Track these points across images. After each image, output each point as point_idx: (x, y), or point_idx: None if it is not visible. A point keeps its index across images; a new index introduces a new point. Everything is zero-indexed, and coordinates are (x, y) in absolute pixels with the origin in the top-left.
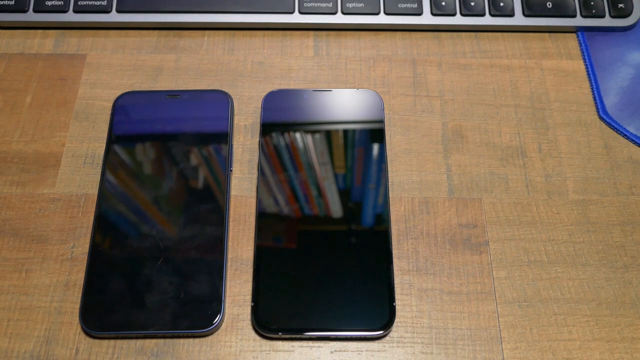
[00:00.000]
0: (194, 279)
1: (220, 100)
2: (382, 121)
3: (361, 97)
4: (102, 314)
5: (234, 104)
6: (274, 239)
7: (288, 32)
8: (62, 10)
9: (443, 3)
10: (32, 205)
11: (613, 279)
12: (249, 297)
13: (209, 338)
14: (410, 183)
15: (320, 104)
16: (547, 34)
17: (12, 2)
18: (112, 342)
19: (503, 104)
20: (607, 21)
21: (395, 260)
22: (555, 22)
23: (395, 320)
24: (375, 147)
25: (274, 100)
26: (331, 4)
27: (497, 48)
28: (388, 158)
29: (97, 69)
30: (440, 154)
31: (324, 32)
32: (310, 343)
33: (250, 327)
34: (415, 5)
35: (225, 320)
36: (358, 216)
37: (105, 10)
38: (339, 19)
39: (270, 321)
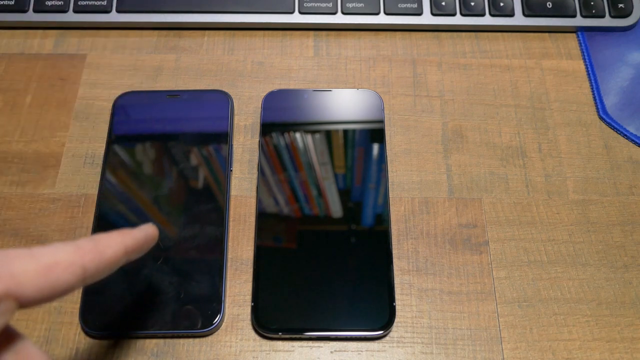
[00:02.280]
0: (194, 279)
1: (220, 100)
2: (382, 121)
3: (361, 97)
4: (102, 314)
5: (234, 104)
6: (274, 239)
7: (288, 32)
8: (62, 10)
9: (443, 3)
10: (32, 205)
11: (613, 279)
12: (249, 297)
13: (209, 338)
14: (410, 183)
15: (320, 104)
16: (547, 34)
17: (12, 2)
18: (112, 342)
19: (503, 104)
20: (607, 21)
21: (395, 260)
22: (555, 22)
23: (395, 320)
24: (375, 147)
25: (274, 100)
26: (331, 4)
27: (497, 48)
28: (388, 158)
29: (97, 69)
30: (440, 154)
31: (324, 32)
32: (310, 343)
33: (250, 327)
34: (415, 5)
35: (225, 320)
36: (358, 216)
37: (105, 10)
38: (339, 19)
39: (270, 321)
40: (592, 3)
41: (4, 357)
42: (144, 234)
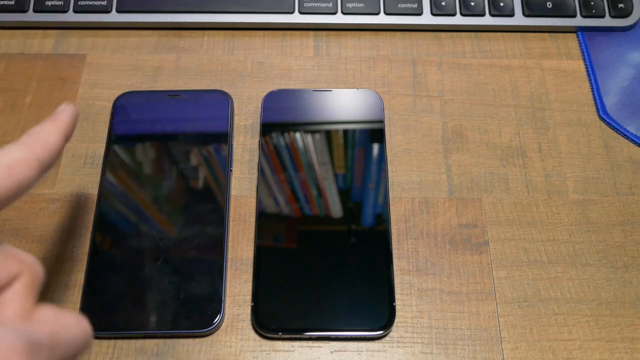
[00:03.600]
0: (194, 279)
1: (220, 100)
2: (382, 121)
3: (361, 97)
4: (102, 314)
5: (234, 104)
6: (274, 239)
7: (288, 32)
8: (62, 10)
9: (443, 3)
10: (32, 205)
11: (613, 279)
12: (249, 297)
13: (209, 338)
14: (410, 183)
15: (320, 104)
16: (547, 34)
17: (12, 2)
18: (112, 342)
19: (503, 104)
20: (607, 21)
21: (395, 260)
22: (555, 22)
23: (395, 320)
24: (375, 147)
25: (274, 100)
26: (331, 4)
27: (497, 48)
28: (388, 158)
29: (97, 69)
30: (440, 154)
31: (324, 32)
32: (310, 343)
33: (250, 327)
34: (415, 5)
35: (225, 320)
36: (358, 216)
37: (105, 10)
38: (339, 19)
39: (270, 321)
40: (592, 3)
41: None
42: (68, 114)
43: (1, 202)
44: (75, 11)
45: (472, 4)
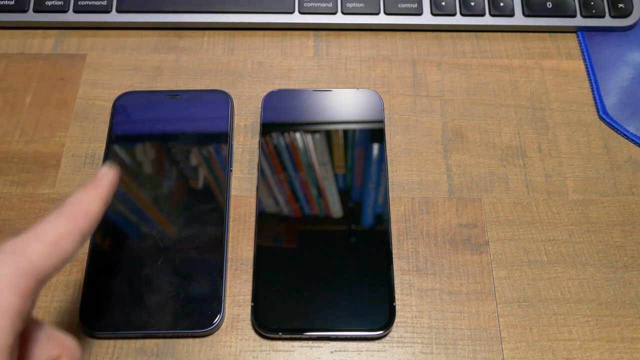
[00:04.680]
0: (194, 279)
1: (220, 100)
2: (382, 121)
3: (361, 97)
4: (102, 314)
5: (234, 104)
6: (274, 239)
7: (288, 32)
8: (62, 10)
9: (443, 3)
10: (32, 205)
11: (613, 279)
12: (249, 297)
13: (209, 338)
14: (410, 183)
15: (320, 104)
16: (547, 34)
17: (12, 2)
18: (112, 342)
19: (503, 104)
20: (607, 21)
21: (395, 260)
22: (555, 22)
23: (395, 320)
24: (375, 147)
25: (274, 100)
26: (331, 4)
27: (497, 48)
28: (388, 158)
29: (97, 69)
30: (440, 154)
31: (324, 32)
32: (310, 343)
33: (250, 327)
34: (415, 5)
35: (225, 320)
36: (358, 216)
37: (105, 10)
38: (339, 19)
39: (270, 321)
40: (592, 3)
41: (38, 341)
42: (109, 179)
43: (46, 278)
44: (75, 11)
45: (472, 4)
